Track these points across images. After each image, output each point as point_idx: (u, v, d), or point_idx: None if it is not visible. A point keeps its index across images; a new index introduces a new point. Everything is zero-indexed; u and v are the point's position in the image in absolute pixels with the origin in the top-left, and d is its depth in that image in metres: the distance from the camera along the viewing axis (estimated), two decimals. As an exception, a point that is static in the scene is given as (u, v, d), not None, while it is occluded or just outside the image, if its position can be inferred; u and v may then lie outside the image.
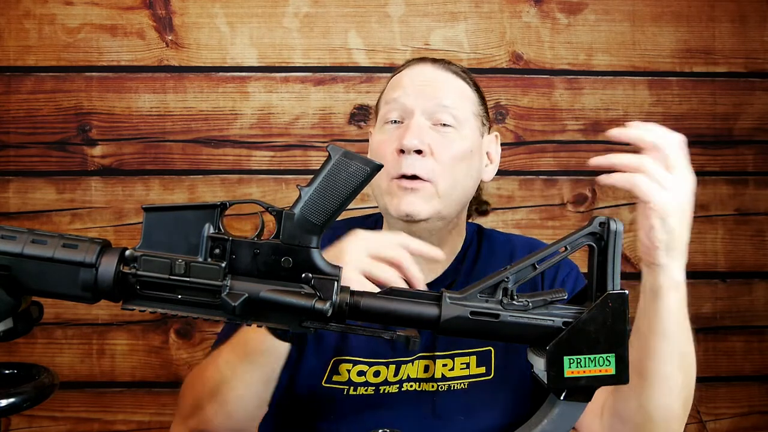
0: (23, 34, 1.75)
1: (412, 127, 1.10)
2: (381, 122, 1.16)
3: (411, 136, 1.08)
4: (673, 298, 0.94)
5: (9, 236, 0.70)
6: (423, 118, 1.11)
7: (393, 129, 1.13)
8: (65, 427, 1.75)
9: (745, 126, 1.85)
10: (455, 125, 1.12)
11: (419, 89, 1.13)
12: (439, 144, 1.10)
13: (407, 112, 1.12)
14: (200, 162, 1.77)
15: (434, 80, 1.15)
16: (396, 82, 1.18)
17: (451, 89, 1.15)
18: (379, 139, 1.15)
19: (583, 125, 1.83)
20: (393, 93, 1.15)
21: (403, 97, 1.13)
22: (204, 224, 0.72)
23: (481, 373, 1.13)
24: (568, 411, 0.75)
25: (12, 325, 0.73)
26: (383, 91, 1.21)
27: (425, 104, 1.12)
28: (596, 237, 0.76)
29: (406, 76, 1.17)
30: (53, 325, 1.74)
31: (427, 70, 1.17)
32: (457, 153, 1.11)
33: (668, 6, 1.84)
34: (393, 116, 1.14)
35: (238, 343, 1.01)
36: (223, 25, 1.78)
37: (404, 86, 1.14)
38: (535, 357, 0.75)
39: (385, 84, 1.23)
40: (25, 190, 1.75)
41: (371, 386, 1.11)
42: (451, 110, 1.12)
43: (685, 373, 0.97)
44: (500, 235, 1.26)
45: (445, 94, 1.13)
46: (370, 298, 0.75)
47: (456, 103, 1.13)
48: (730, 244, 1.85)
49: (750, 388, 1.86)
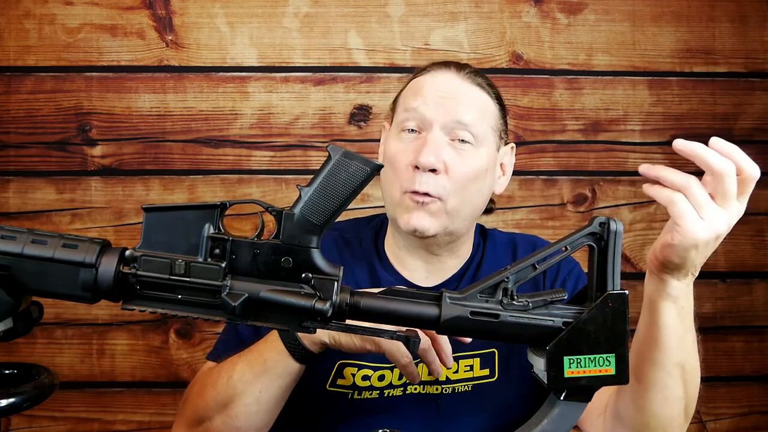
0: (23, 34, 1.75)
1: (430, 143, 1.08)
2: (397, 128, 1.14)
3: (428, 154, 1.07)
4: (669, 311, 0.91)
5: (9, 236, 0.70)
6: (441, 133, 1.09)
7: (410, 139, 1.11)
8: (65, 427, 1.75)
9: (745, 126, 1.85)
10: (473, 143, 1.10)
11: (440, 101, 1.10)
12: (455, 162, 1.08)
13: (426, 124, 1.10)
14: (200, 162, 1.77)
15: (456, 93, 1.12)
16: (417, 87, 1.14)
17: (473, 104, 1.12)
18: (396, 148, 1.12)
19: (583, 125, 1.83)
20: (413, 101, 1.12)
21: (422, 107, 1.10)
22: (204, 224, 0.72)
23: (484, 375, 1.13)
24: (568, 411, 0.75)
25: (12, 325, 0.73)
26: (402, 90, 1.19)
27: (445, 119, 1.09)
28: (596, 237, 0.76)
29: (428, 84, 1.13)
30: (53, 325, 1.74)
31: (450, 80, 1.13)
32: (471, 172, 1.10)
33: (668, 6, 1.84)
34: (410, 125, 1.11)
35: (255, 360, 1.02)
36: (223, 25, 1.78)
37: (425, 95, 1.11)
38: (535, 357, 0.75)
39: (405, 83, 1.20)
40: (25, 190, 1.75)
41: (376, 390, 1.11)
42: (470, 128, 1.10)
43: (686, 385, 0.96)
44: (502, 234, 1.26)
45: (465, 110, 1.10)
46: (370, 298, 0.75)
47: (476, 120, 1.11)
48: (730, 244, 1.85)
49: (750, 388, 1.86)
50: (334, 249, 1.19)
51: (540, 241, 1.27)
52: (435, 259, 1.16)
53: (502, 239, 1.24)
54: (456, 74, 1.14)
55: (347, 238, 1.22)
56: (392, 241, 1.19)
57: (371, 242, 1.22)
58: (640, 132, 1.83)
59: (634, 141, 1.83)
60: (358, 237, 1.22)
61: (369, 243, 1.21)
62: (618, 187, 1.83)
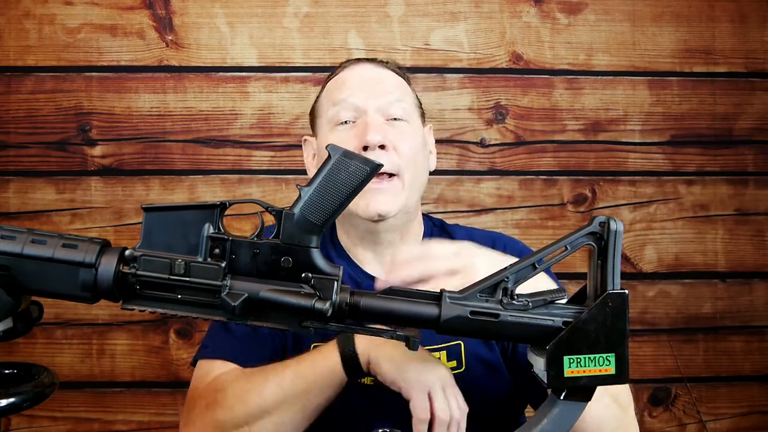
0: (23, 34, 1.75)
1: (372, 123, 1.12)
2: (330, 124, 1.17)
3: (374, 132, 1.11)
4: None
5: (9, 236, 0.70)
6: (378, 114, 1.14)
7: (347, 129, 1.15)
8: (65, 427, 1.75)
9: (745, 126, 1.85)
10: (407, 118, 1.16)
11: (368, 88, 1.16)
12: (397, 138, 1.13)
13: (359, 111, 1.15)
14: (200, 162, 1.77)
15: (379, 78, 1.19)
16: (339, 83, 1.19)
17: (395, 85, 1.19)
18: (336, 139, 1.14)
19: (583, 125, 1.83)
20: (340, 94, 1.16)
21: (352, 96, 1.15)
22: (204, 224, 0.72)
23: (452, 367, 1.13)
24: (568, 411, 0.75)
25: (12, 325, 0.73)
26: (319, 96, 1.23)
27: (377, 101, 1.15)
28: (596, 237, 0.76)
29: (349, 77, 1.19)
30: (53, 325, 1.74)
31: (369, 69, 1.20)
32: (414, 144, 1.15)
33: (668, 6, 1.84)
34: (345, 116, 1.15)
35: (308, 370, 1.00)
36: (223, 25, 1.78)
37: (351, 86, 1.17)
38: (535, 357, 0.75)
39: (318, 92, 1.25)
40: (25, 190, 1.75)
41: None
42: (400, 104, 1.16)
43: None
44: (461, 229, 1.28)
45: (392, 89, 1.17)
46: (369, 298, 0.75)
47: (403, 98, 1.17)
48: (730, 244, 1.85)
49: (750, 388, 1.86)
50: None
51: (499, 237, 1.26)
52: (388, 250, 1.18)
53: (460, 234, 1.25)
54: (371, 63, 1.22)
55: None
56: (345, 238, 1.21)
57: (327, 237, 1.23)
58: (640, 132, 1.83)
59: (634, 141, 1.83)
60: None
61: (325, 238, 1.22)
62: (618, 187, 1.83)
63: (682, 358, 1.81)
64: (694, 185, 1.85)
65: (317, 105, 1.23)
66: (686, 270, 1.84)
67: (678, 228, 1.85)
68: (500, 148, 1.81)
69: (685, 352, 1.83)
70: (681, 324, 1.84)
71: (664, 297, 1.83)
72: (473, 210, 1.80)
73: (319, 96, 1.24)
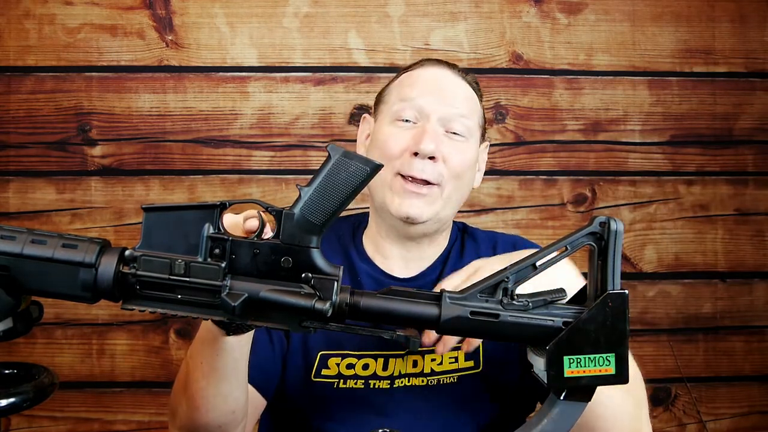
0: (23, 34, 1.75)
1: (429, 132, 1.11)
2: (391, 117, 1.16)
3: (429, 141, 1.10)
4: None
5: (8, 236, 0.70)
6: (438, 124, 1.13)
7: (406, 128, 1.14)
8: (65, 427, 1.75)
9: (745, 126, 1.85)
10: (466, 135, 1.15)
11: (437, 94, 1.14)
12: (451, 152, 1.12)
13: (423, 115, 1.13)
14: (200, 162, 1.77)
15: (452, 87, 1.17)
16: (412, 80, 1.18)
17: (466, 99, 1.17)
18: (390, 131, 1.14)
19: (583, 125, 1.83)
20: (410, 91, 1.15)
21: (420, 98, 1.14)
22: (204, 224, 0.72)
23: (469, 366, 1.13)
24: (568, 411, 0.75)
25: (12, 325, 0.73)
26: (391, 83, 1.21)
27: (442, 111, 1.13)
28: (596, 237, 0.75)
29: (423, 77, 1.17)
30: (53, 325, 1.74)
31: (445, 75, 1.18)
32: (465, 163, 1.14)
33: (668, 6, 1.84)
34: (407, 115, 1.14)
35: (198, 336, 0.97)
36: (223, 25, 1.78)
37: (422, 87, 1.15)
38: (535, 357, 0.75)
39: (392, 78, 1.22)
40: (25, 190, 1.75)
41: (360, 379, 1.12)
42: (464, 121, 1.14)
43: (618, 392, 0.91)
44: (483, 232, 1.28)
45: (460, 103, 1.15)
46: (370, 298, 0.74)
47: (469, 114, 1.16)
48: (730, 244, 1.85)
49: (750, 388, 1.86)
50: None
51: (521, 241, 1.27)
52: (415, 247, 1.18)
53: (483, 236, 1.26)
54: (449, 70, 1.19)
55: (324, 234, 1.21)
56: (374, 229, 1.20)
57: (350, 236, 1.23)
58: (640, 132, 1.83)
59: (634, 141, 1.83)
60: (336, 233, 1.23)
61: (347, 237, 1.23)
62: (618, 187, 1.83)
63: (682, 358, 1.80)
64: (694, 185, 1.85)
65: (385, 91, 1.21)
66: (686, 270, 1.84)
67: (678, 228, 1.85)
68: (500, 148, 1.81)
69: (685, 352, 1.83)
70: (681, 324, 1.84)
71: (664, 297, 1.84)
72: (473, 210, 1.80)
73: (391, 83, 1.22)
